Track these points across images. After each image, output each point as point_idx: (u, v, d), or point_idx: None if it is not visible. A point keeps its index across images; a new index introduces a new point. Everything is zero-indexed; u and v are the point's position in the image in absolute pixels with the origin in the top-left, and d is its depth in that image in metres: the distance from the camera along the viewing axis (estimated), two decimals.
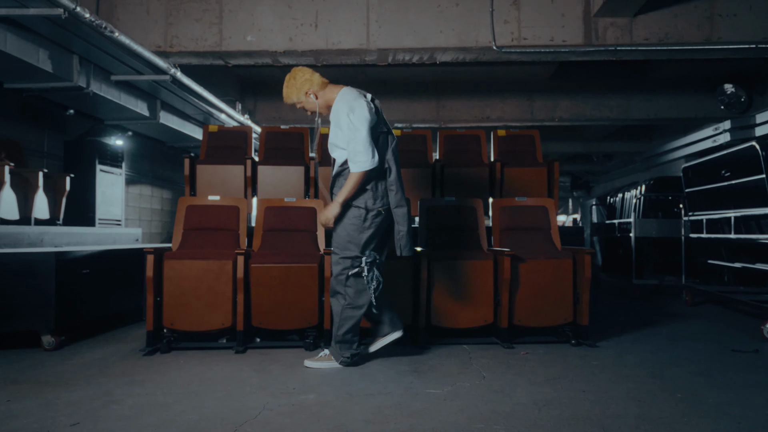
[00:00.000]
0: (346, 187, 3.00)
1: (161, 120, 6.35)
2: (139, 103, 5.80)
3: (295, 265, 3.54)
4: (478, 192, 5.06)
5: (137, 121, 6.28)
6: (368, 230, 3.02)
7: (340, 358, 3.04)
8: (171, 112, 6.67)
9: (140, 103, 5.85)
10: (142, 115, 5.99)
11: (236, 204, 4.03)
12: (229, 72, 8.07)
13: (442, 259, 3.67)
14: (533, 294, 3.69)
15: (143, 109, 5.93)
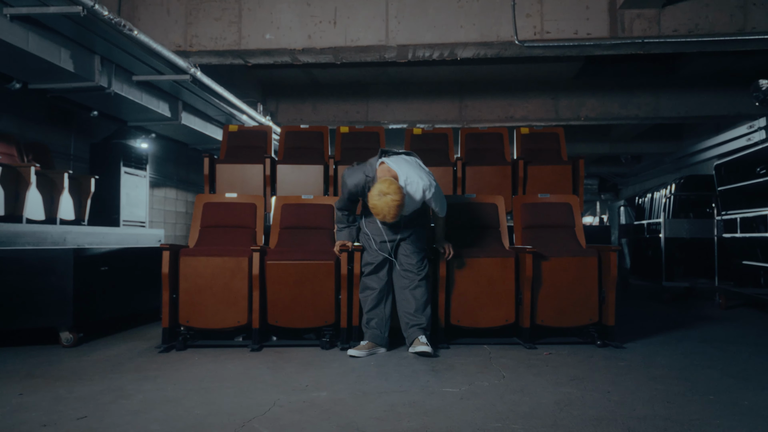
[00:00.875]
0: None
1: (183, 121, 6.40)
2: (160, 104, 5.85)
3: (311, 263, 3.49)
4: (500, 191, 4.96)
5: (159, 123, 6.34)
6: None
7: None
8: (193, 113, 6.72)
9: (162, 104, 5.90)
10: (164, 116, 6.03)
11: (253, 201, 4.01)
12: (251, 74, 8.12)
13: (461, 257, 3.58)
14: (556, 293, 3.57)
15: (165, 110, 5.98)
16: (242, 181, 5.05)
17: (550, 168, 5.10)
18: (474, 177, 5.08)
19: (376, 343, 3.28)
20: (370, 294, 3.36)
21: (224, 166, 5.09)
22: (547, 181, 5.02)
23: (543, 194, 4.13)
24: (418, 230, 3.49)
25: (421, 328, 3.19)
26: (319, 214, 3.99)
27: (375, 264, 3.37)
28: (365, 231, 3.43)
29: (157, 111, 5.81)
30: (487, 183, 5.06)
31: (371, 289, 3.36)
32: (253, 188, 4.95)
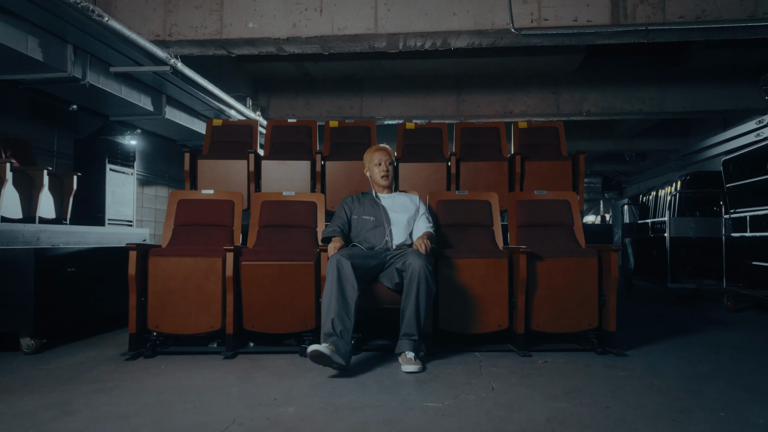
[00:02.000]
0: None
1: (167, 116, 6.20)
2: (142, 97, 5.65)
3: (290, 263, 3.28)
4: (496, 188, 4.76)
5: (142, 117, 6.14)
6: None
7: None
8: (178, 108, 6.52)
9: (144, 97, 5.69)
10: (147, 110, 5.84)
11: (231, 198, 3.80)
12: (241, 68, 7.92)
13: (449, 257, 3.36)
14: (553, 296, 3.35)
15: (147, 104, 5.77)
16: (225, 177, 4.86)
17: (548, 164, 4.90)
18: (468, 173, 4.88)
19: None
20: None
21: (206, 162, 4.90)
22: (545, 178, 4.82)
23: (540, 191, 3.91)
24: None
25: (412, 339, 2.96)
26: (300, 211, 3.78)
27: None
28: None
29: (138, 105, 5.61)
30: (482, 179, 4.86)
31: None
32: (236, 185, 4.76)
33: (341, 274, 2.87)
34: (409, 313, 2.92)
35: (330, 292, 2.84)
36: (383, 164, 3.46)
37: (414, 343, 2.92)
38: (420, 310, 2.93)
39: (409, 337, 2.93)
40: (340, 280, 2.86)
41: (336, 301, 2.80)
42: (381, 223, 3.36)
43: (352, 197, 3.54)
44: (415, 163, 4.91)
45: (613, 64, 7.77)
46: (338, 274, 2.87)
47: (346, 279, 2.88)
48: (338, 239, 3.21)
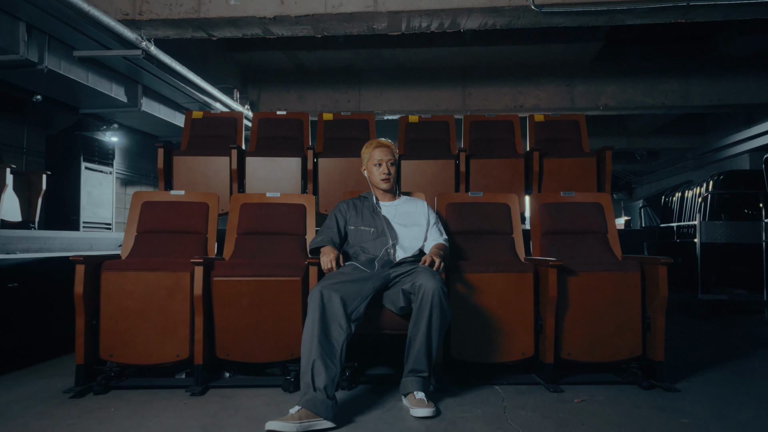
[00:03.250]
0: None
1: (144, 108, 5.68)
2: (114, 86, 5.13)
3: (272, 279, 2.76)
4: (511, 188, 4.29)
5: (116, 110, 5.61)
6: None
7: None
8: (156, 99, 6.00)
9: (116, 87, 5.18)
10: (120, 101, 5.31)
11: (204, 200, 3.28)
12: (229, 58, 7.40)
13: (463, 272, 2.84)
14: (587, 318, 2.84)
15: (120, 94, 5.26)
16: (205, 176, 4.36)
17: (570, 161, 4.41)
18: (480, 172, 4.39)
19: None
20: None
21: (183, 159, 4.40)
22: (566, 177, 4.34)
23: (567, 192, 3.39)
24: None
25: (420, 376, 2.43)
26: (287, 216, 3.26)
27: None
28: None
29: (110, 95, 5.09)
30: (495, 179, 4.38)
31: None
32: (217, 184, 4.27)
33: (326, 311, 2.35)
34: (418, 344, 2.40)
35: (311, 331, 2.31)
36: (384, 165, 2.93)
37: (423, 381, 2.40)
38: (432, 341, 2.41)
39: (418, 374, 2.41)
40: (324, 318, 2.33)
41: (318, 344, 2.27)
42: (383, 234, 2.84)
43: (346, 203, 3.02)
44: (419, 161, 4.42)
45: (633, 54, 7.27)
46: (321, 311, 2.34)
47: (332, 317, 2.35)
48: (331, 249, 2.69)
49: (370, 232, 2.88)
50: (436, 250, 2.73)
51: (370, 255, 2.78)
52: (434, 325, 2.39)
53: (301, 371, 2.29)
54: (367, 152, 3.02)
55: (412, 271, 2.57)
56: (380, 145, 2.98)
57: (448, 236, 3.01)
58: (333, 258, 2.62)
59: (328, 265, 2.61)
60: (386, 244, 2.80)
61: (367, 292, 2.50)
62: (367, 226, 2.90)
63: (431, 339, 2.41)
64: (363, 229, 2.90)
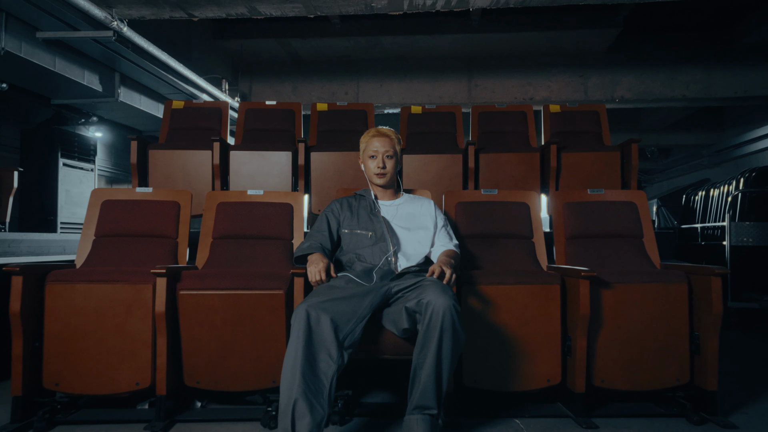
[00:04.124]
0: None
1: (122, 98, 5.26)
2: (86, 74, 4.70)
3: (250, 293, 2.34)
4: (525, 185, 3.91)
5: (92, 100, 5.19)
6: None
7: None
8: (137, 90, 5.58)
9: (89, 74, 4.75)
10: (94, 90, 4.89)
11: (175, 199, 2.86)
12: (218, 47, 6.98)
13: (477, 283, 2.42)
14: (625, 339, 2.42)
15: (93, 82, 4.83)
16: (184, 171, 3.97)
17: (590, 156, 4.01)
18: (490, 167, 4.01)
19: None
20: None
21: (160, 153, 4.00)
22: (587, 173, 3.96)
23: (595, 190, 2.97)
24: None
25: (428, 413, 2.00)
26: (271, 216, 2.83)
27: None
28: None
29: (81, 83, 4.66)
30: (507, 175, 3.99)
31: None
32: (198, 181, 3.89)
33: (312, 337, 1.93)
34: (425, 375, 1.97)
35: (293, 362, 1.89)
36: (380, 157, 2.51)
37: (432, 420, 1.98)
38: (442, 371, 1.98)
39: (425, 411, 1.98)
40: (310, 345, 1.91)
41: (301, 379, 1.86)
42: (383, 238, 2.42)
43: (340, 202, 2.60)
44: (422, 155, 4.02)
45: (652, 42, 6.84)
46: (307, 337, 1.92)
47: (320, 344, 1.94)
48: (320, 257, 2.27)
49: (367, 236, 2.46)
50: (446, 258, 2.31)
51: (367, 264, 2.36)
52: (445, 351, 1.97)
53: (280, 411, 1.87)
54: (363, 142, 2.60)
55: (418, 284, 2.15)
56: (378, 134, 2.56)
57: (458, 241, 2.58)
58: (322, 268, 2.20)
59: (316, 277, 2.19)
60: (386, 251, 2.38)
61: (363, 311, 2.07)
62: (363, 229, 2.48)
63: (441, 368, 1.98)
64: (359, 232, 2.48)
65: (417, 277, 2.25)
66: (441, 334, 1.96)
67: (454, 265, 2.30)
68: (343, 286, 2.18)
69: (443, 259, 2.28)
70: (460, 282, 2.42)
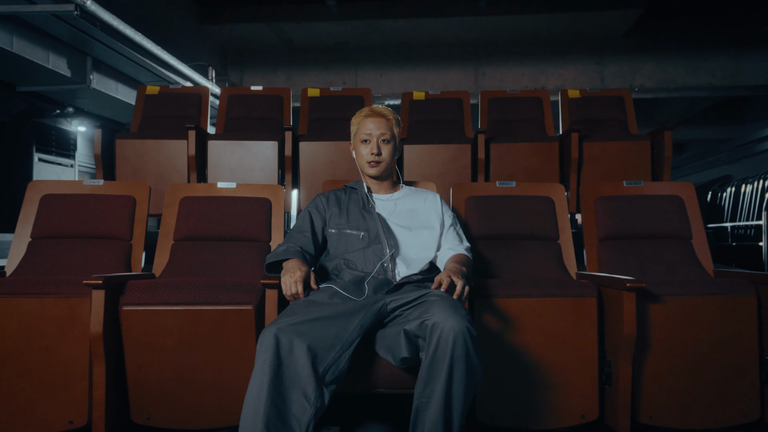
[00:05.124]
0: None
1: (96, 85, 4.82)
2: (51, 56, 4.27)
3: (212, 308, 1.89)
4: (542, 179, 3.52)
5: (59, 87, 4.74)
6: None
7: None
8: (113, 77, 5.14)
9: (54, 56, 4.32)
10: (61, 75, 4.44)
11: (130, 193, 2.41)
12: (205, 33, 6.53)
13: (493, 295, 1.97)
14: (678, 365, 1.97)
15: (60, 66, 4.39)
16: (156, 164, 3.57)
17: (616, 145, 3.59)
18: (502, 159, 3.60)
19: None
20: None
21: (129, 143, 3.59)
22: (612, 165, 3.57)
23: (632, 182, 2.51)
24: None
25: None
26: (245, 214, 2.39)
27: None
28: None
29: (46, 67, 4.22)
30: (521, 167, 3.59)
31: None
32: (172, 175, 3.54)
33: (282, 371, 1.49)
34: (430, 420, 1.52)
35: (255, 403, 1.45)
36: (374, 141, 2.06)
37: None
38: (452, 414, 1.53)
39: None
40: (279, 381, 1.48)
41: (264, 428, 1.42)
42: (378, 240, 1.97)
43: (326, 196, 2.15)
44: (426, 146, 3.61)
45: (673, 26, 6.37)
46: (275, 370, 1.48)
47: (292, 380, 1.49)
48: (297, 264, 1.82)
49: (358, 237, 2.01)
50: (456, 265, 1.85)
51: (358, 272, 1.92)
52: (456, 389, 1.51)
53: None
54: (355, 123, 2.15)
55: (421, 300, 1.69)
56: (372, 113, 2.11)
57: (469, 243, 2.12)
58: (299, 278, 1.75)
59: (292, 290, 1.74)
60: (382, 256, 1.93)
61: (351, 335, 1.62)
62: (354, 228, 2.03)
63: (451, 412, 1.53)
64: (348, 233, 2.03)
65: (420, 289, 1.79)
66: (451, 367, 1.50)
67: (467, 274, 1.84)
68: (325, 301, 1.73)
69: (453, 267, 1.83)
70: (473, 294, 1.97)
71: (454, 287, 1.70)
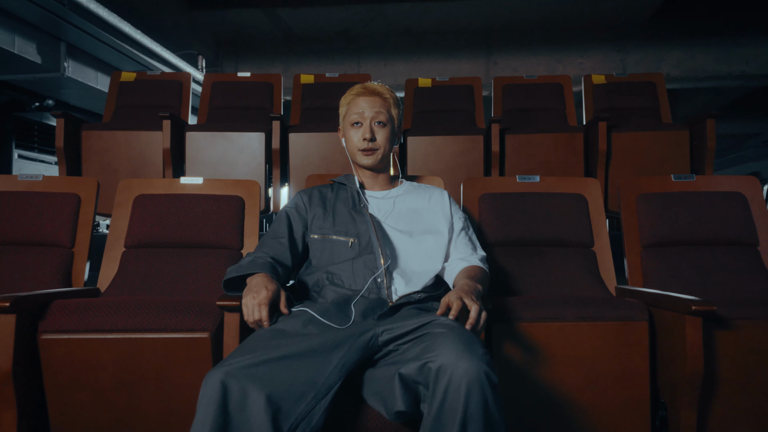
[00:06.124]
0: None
1: (71, 74, 4.45)
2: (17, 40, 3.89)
3: (156, 337, 1.49)
4: (564, 173, 3.10)
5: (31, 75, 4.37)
6: None
7: None
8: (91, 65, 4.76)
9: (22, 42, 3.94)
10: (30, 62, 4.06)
11: (74, 190, 2.02)
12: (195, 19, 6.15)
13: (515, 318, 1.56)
14: (755, 410, 1.54)
15: (28, 51, 4.02)
16: (128, 158, 3.22)
17: (650, 136, 3.21)
18: (519, 152, 3.23)
19: None
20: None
21: (96, 135, 3.22)
22: (645, 158, 3.23)
23: (682, 176, 2.09)
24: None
25: None
26: (211, 216, 1.99)
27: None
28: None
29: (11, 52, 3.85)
30: (540, 161, 3.23)
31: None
32: (145, 170, 3.19)
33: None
34: None
35: None
36: (366, 123, 1.66)
37: None
38: None
39: None
40: None
41: None
42: (370, 248, 1.57)
43: (309, 194, 1.74)
44: (432, 138, 3.24)
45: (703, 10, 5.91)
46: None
47: None
48: (264, 280, 1.41)
49: (346, 245, 1.60)
50: (469, 282, 1.44)
51: (344, 289, 1.52)
52: None
53: None
54: (344, 104, 1.75)
55: (424, 331, 1.28)
56: (364, 92, 1.70)
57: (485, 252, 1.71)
58: (264, 300, 1.34)
59: (254, 315, 1.34)
60: (374, 269, 1.53)
61: (329, 378, 1.21)
62: (341, 233, 1.63)
63: None
64: (334, 239, 1.62)
65: (421, 313, 1.38)
66: (463, 427, 1.10)
67: (483, 294, 1.44)
68: (297, 331, 1.32)
69: (465, 285, 1.41)
70: (492, 318, 1.56)
71: (467, 313, 1.29)
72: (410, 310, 1.44)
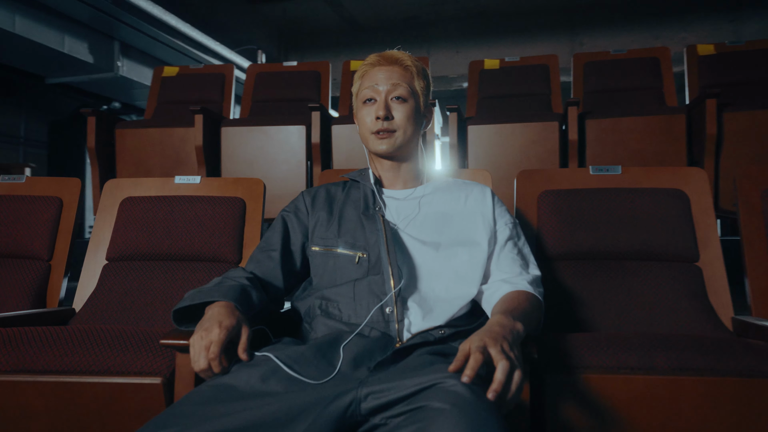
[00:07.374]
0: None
1: (125, 73, 4.38)
2: (67, 39, 3.82)
3: (97, 381, 1.16)
4: (659, 163, 2.55)
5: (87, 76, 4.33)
6: None
7: None
8: (146, 63, 4.68)
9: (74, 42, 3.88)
10: (82, 61, 4.00)
11: (56, 193, 1.76)
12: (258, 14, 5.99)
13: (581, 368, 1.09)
14: None
15: (79, 51, 3.95)
16: (163, 157, 3.06)
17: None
18: (604, 141, 2.73)
19: None
20: None
21: (131, 133, 3.06)
22: (765, 142, 2.53)
23: None
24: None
25: None
26: (205, 222, 1.66)
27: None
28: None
29: (61, 51, 3.78)
30: (632, 151, 2.73)
31: None
32: (183, 169, 2.96)
33: None
34: None
35: None
36: (381, 99, 1.24)
37: None
38: None
39: None
40: None
41: None
42: (378, 267, 1.17)
43: (312, 194, 1.34)
44: (498, 126, 2.81)
45: None
46: None
47: None
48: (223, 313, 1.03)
49: (353, 260, 1.21)
50: (503, 322, 0.98)
51: (340, 322, 1.13)
52: None
53: None
54: (357, 78, 1.34)
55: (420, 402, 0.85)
56: (380, 60, 1.29)
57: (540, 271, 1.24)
58: (217, 341, 0.97)
59: (200, 363, 0.97)
60: (382, 293, 1.13)
61: None
62: (348, 245, 1.23)
63: None
64: (339, 252, 1.22)
65: (434, 366, 0.95)
66: None
67: (524, 334, 0.98)
68: (252, 388, 0.93)
69: (496, 325, 0.96)
70: (541, 365, 1.10)
71: (492, 372, 0.86)
72: (423, 356, 1.02)
